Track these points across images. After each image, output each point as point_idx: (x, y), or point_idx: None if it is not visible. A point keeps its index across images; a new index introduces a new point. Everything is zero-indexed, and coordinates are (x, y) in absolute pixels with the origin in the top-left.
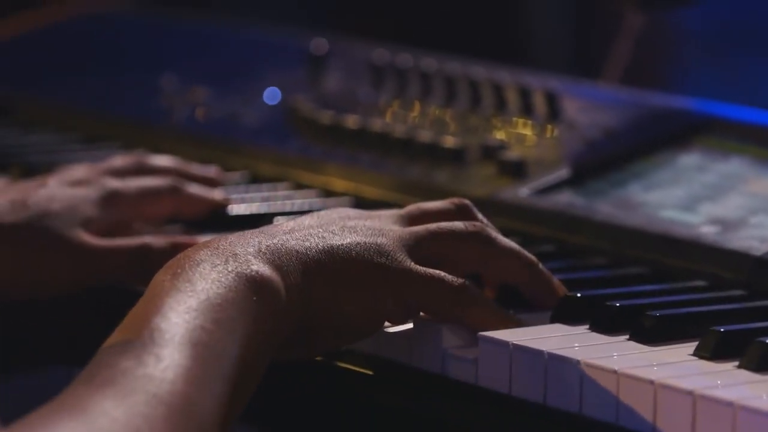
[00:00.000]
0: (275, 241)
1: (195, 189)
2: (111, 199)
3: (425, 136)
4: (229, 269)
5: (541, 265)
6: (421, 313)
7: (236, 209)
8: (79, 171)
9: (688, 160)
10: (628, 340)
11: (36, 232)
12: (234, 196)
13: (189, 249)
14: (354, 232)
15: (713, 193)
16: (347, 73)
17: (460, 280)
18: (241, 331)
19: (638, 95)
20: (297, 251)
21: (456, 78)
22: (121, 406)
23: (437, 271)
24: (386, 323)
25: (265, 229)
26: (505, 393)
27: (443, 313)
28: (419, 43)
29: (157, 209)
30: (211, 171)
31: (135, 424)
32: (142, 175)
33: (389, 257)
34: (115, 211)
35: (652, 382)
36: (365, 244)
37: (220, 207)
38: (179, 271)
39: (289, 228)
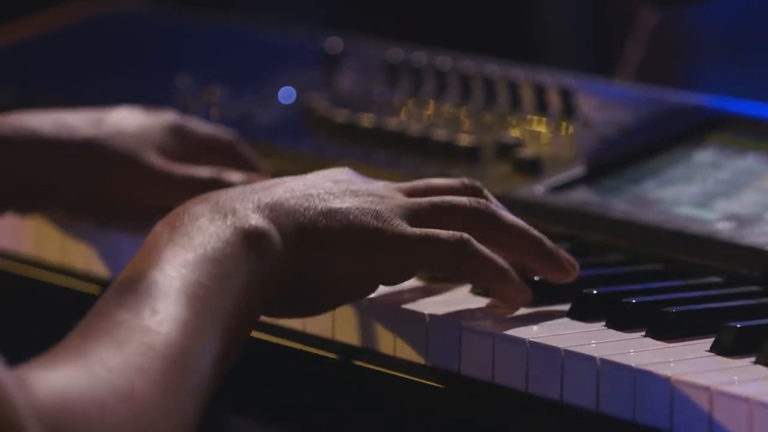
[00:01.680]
0: (275, 198)
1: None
2: (180, 130)
3: (440, 134)
4: (228, 223)
5: (548, 242)
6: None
7: None
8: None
9: (703, 156)
10: (645, 336)
11: (110, 149)
12: None
13: (188, 202)
14: (355, 196)
15: (728, 189)
16: (362, 72)
17: (458, 234)
18: (237, 286)
19: (653, 92)
20: (295, 211)
21: (471, 76)
22: (117, 355)
23: (433, 230)
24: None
25: (266, 184)
26: (522, 391)
27: (443, 269)
28: (434, 41)
29: (215, 156)
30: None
31: (130, 374)
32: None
33: (386, 222)
34: (183, 143)
35: (668, 379)
36: (363, 209)
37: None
38: (178, 224)
39: (290, 186)
